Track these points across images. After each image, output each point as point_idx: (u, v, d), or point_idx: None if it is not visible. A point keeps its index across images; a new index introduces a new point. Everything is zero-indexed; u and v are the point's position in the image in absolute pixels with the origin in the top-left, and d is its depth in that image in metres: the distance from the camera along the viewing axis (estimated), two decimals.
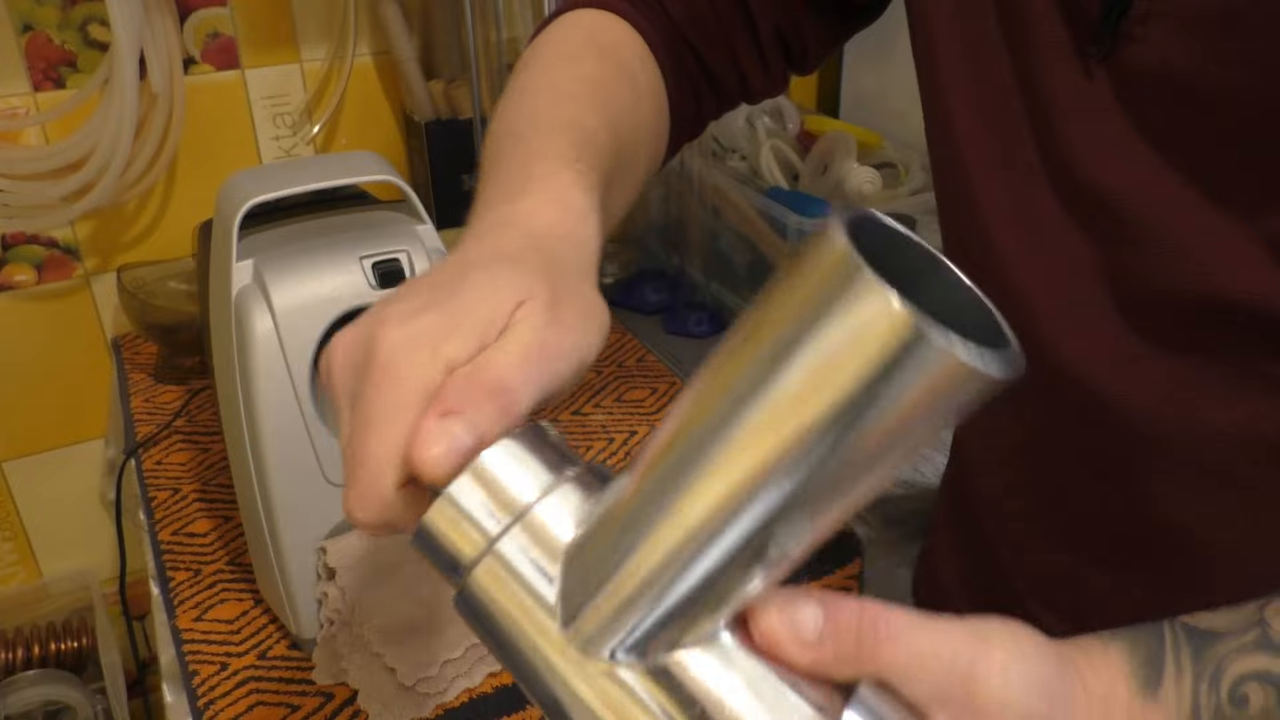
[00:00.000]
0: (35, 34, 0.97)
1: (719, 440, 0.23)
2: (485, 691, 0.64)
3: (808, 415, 0.22)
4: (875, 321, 0.20)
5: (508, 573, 0.27)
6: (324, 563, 0.64)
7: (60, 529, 1.16)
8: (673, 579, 0.25)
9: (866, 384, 0.21)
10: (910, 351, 0.20)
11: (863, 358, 0.21)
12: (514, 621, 0.27)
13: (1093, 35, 0.41)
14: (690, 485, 0.24)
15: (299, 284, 0.60)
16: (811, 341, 0.21)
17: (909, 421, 0.22)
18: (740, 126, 1.18)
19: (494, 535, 0.27)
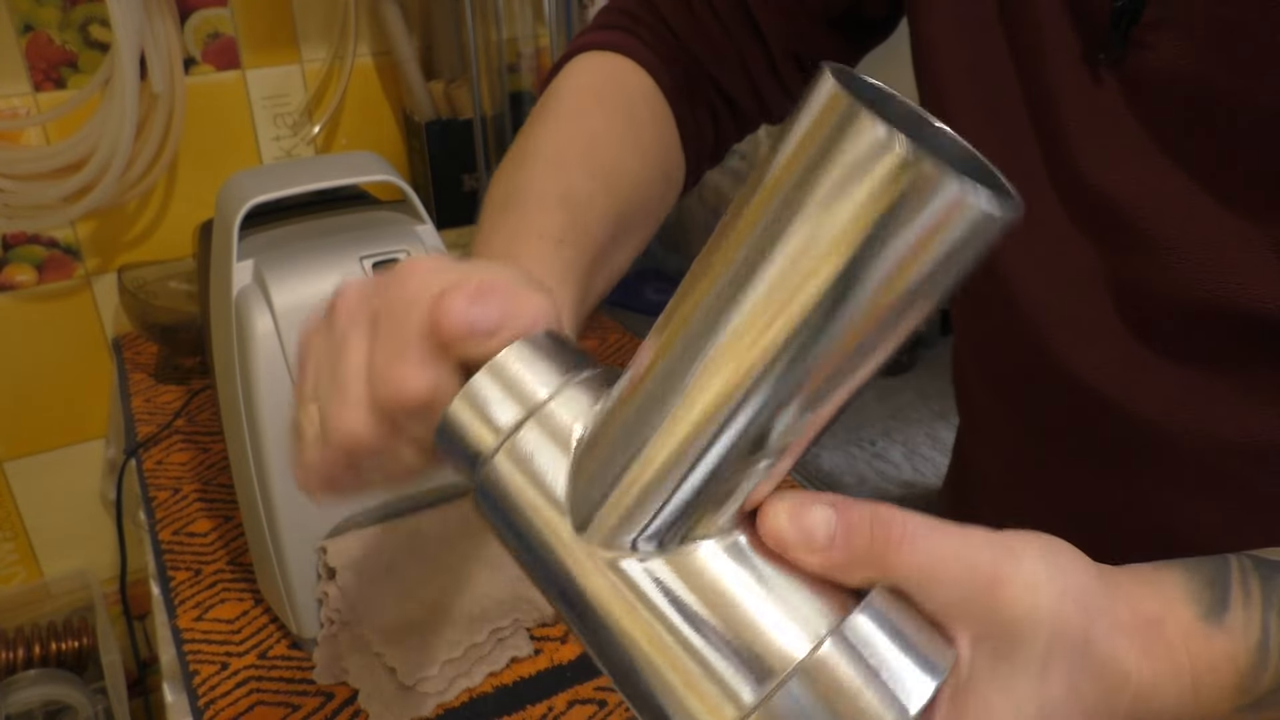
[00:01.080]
0: (36, 34, 0.97)
1: (735, 303, 0.22)
2: (485, 691, 0.65)
3: (822, 267, 0.21)
4: (879, 158, 0.20)
5: (523, 464, 0.27)
6: (324, 562, 0.64)
7: (61, 529, 1.16)
8: (684, 465, 0.24)
9: (876, 224, 0.20)
10: (915, 186, 0.20)
11: (870, 196, 0.20)
12: (528, 513, 0.27)
13: (1102, 42, 0.41)
14: (701, 358, 0.23)
15: (299, 284, 0.60)
16: (817, 187, 0.21)
17: (915, 274, 0.21)
18: None
19: (510, 427, 0.27)
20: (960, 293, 0.24)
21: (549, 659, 0.67)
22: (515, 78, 1.14)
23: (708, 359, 0.23)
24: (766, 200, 0.22)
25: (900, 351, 0.24)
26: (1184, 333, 0.43)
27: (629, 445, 0.25)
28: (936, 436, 0.90)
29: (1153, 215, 0.42)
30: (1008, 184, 0.22)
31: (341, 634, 0.65)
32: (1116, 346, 0.45)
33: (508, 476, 0.27)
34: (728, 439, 0.24)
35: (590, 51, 0.53)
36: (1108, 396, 0.46)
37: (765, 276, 0.22)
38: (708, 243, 0.24)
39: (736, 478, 0.25)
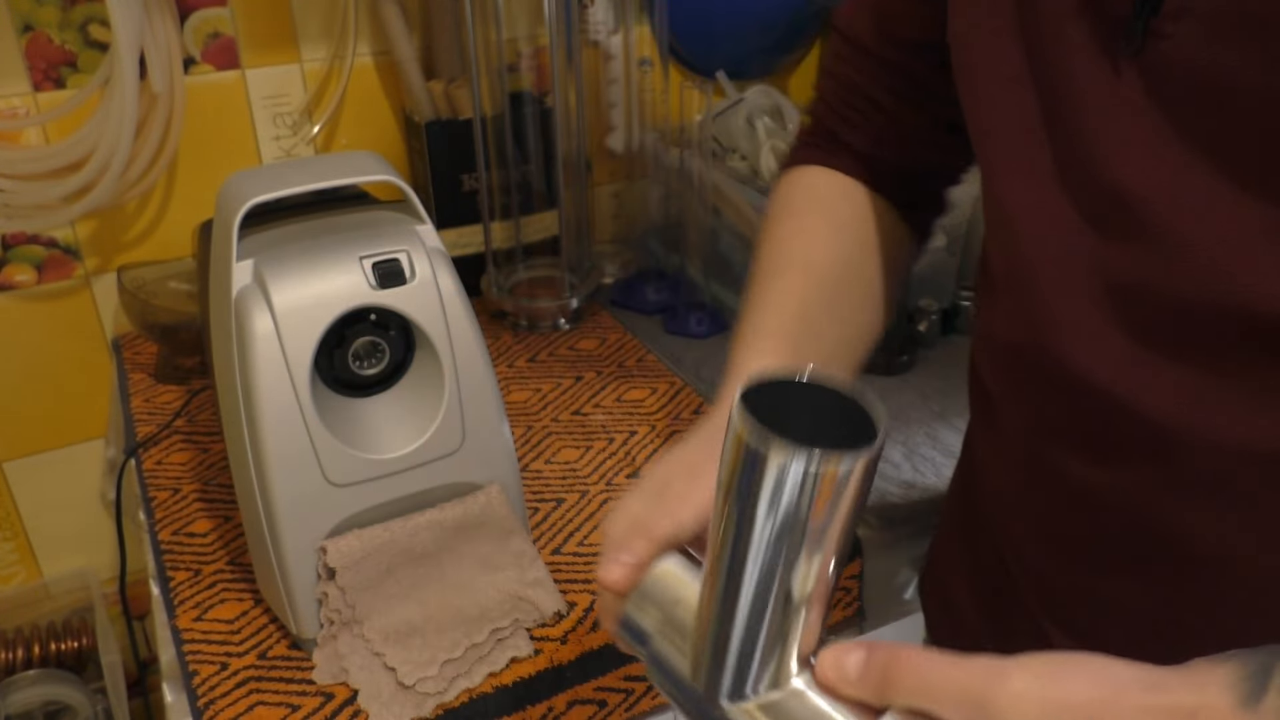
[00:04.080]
0: (35, 34, 0.97)
1: (737, 557, 0.33)
2: (485, 691, 0.65)
3: (771, 527, 0.32)
4: (785, 466, 0.30)
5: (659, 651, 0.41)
6: (324, 563, 0.64)
7: (60, 529, 1.16)
8: (748, 639, 0.35)
9: (783, 496, 0.31)
10: (815, 476, 0.30)
11: (760, 481, 0.31)
12: (668, 684, 0.39)
13: (1123, 32, 0.40)
14: (735, 580, 0.34)
15: (299, 284, 0.60)
16: (768, 492, 0.31)
17: (829, 511, 0.31)
18: (740, 126, 1.18)
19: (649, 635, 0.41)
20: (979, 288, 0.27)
21: (549, 659, 0.67)
22: (515, 78, 1.14)
23: (738, 584, 0.34)
24: (727, 496, 0.33)
25: (900, 352, 0.31)
26: (1193, 332, 0.42)
27: (709, 633, 0.36)
28: (936, 436, 0.90)
29: (1166, 209, 0.41)
30: (879, 422, 0.32)
31: (341, 634, 0.65)
32: (1122, 345, 0.45)
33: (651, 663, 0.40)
34: (767, 615, 0.34)
35: (796, 167, 0.64)
36: (1115, 396, 0.45)
37: (743, 546, 0.33)
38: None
39: (784, 635, 0.34)
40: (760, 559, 0.33)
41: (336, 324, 0.61)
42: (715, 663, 0.36)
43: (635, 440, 0.90)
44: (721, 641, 0.35)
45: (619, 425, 0.92)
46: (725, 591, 0.34)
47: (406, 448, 0.64)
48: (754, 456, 0.31)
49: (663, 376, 1.00)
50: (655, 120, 1.19)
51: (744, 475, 0.31)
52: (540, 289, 1.12)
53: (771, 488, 0.31)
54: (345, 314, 0.61)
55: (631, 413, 0.94)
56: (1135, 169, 0.42)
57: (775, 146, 1.14)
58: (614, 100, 1.21)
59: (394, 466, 0.64)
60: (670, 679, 0.38)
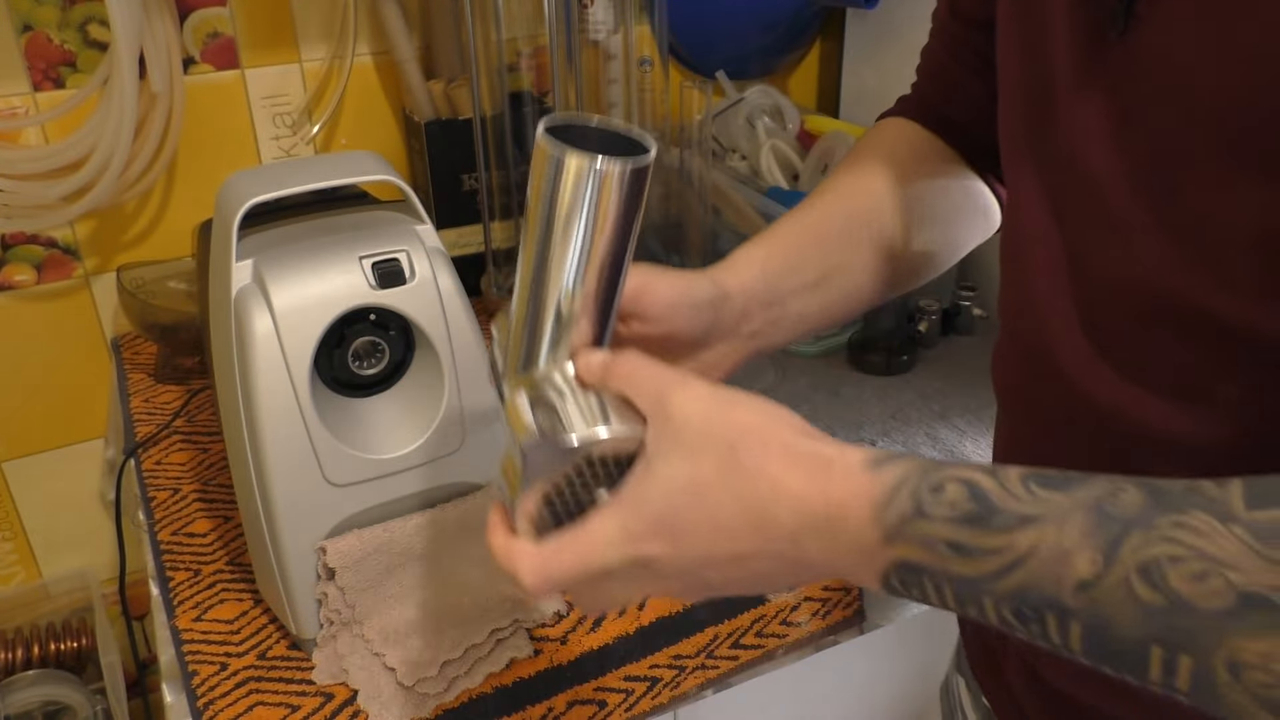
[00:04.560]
0: (35, 34, 0.97)
1: (534, 251, 0.43)
2: (485, 691, 0.64)
3: (561, 218, 0.41)
4: (560, 162, 0.40)
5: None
6: (324, 563, 0.64)
7: (60, 529, 1.16)
8: (533, 322, 0.44)
9: (581, 196, 0.40)
10: (576, 170, 0.40)
11: (558, 183, 0.40)
12: (492, 372, 0.48)
13: (1110, 15, 0.41)
14: (531, 273, 0.43)
15: (299, 284, 0.60)
16: (547, 190, 0.41)
17: (605, 211, 0.41)
18: (740, 126, 1.18)
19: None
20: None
21: (549, 659, 0.67)
22: (515, 78, 1.14)
23: (533, 277, 0.43)
24: (533, 204, 0.42)
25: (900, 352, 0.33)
26: (1128, 322, 0.43)
27: (510, 319, 0.46)
28: (936, 436, 0.90)
29: (1115, 195, 0.42)
30: (650, 146, 0.41)
31: (341, 634, 0.65)
32: (1075, 332, 0.46)
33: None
34: (550, 306, 0.43)
35: (881, 119, 0.67)
36: (1071, 384, 0.46)
37: (538, 234, 0.42)
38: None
39: (561, 328, 0.44)
40: (553, 253, 0.42)
41: (336, 324, 0.61)
42: (515, 343, 0.45)
43: None
44: (520, 327, 0.44)
45: None
46: (528, 285, 0.43)
47: (406, 448, 0.64)
48: (555, 162, 0.40)
49: None
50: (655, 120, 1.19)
51: (548, 181, 0.40)
52: None
53: (574, 186, 0.40)
54: (345, 314, 0.61)
55: None
56: (1096, 154, 0.42)
57: (775, 146, 1.13)
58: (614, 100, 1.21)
59: (394, 466, 0.64)
60: (493, 366, 0.48)
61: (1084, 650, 0.33)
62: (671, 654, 0.69)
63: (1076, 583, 0.32)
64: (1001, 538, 0.33)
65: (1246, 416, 0.40)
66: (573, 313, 0.43)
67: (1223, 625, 0.30)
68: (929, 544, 0.35)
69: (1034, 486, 0.34)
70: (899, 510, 0.35)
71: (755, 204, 1.04)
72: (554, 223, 0.41)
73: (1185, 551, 0.30)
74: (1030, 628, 0.33)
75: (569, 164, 0.39)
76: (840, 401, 0.96)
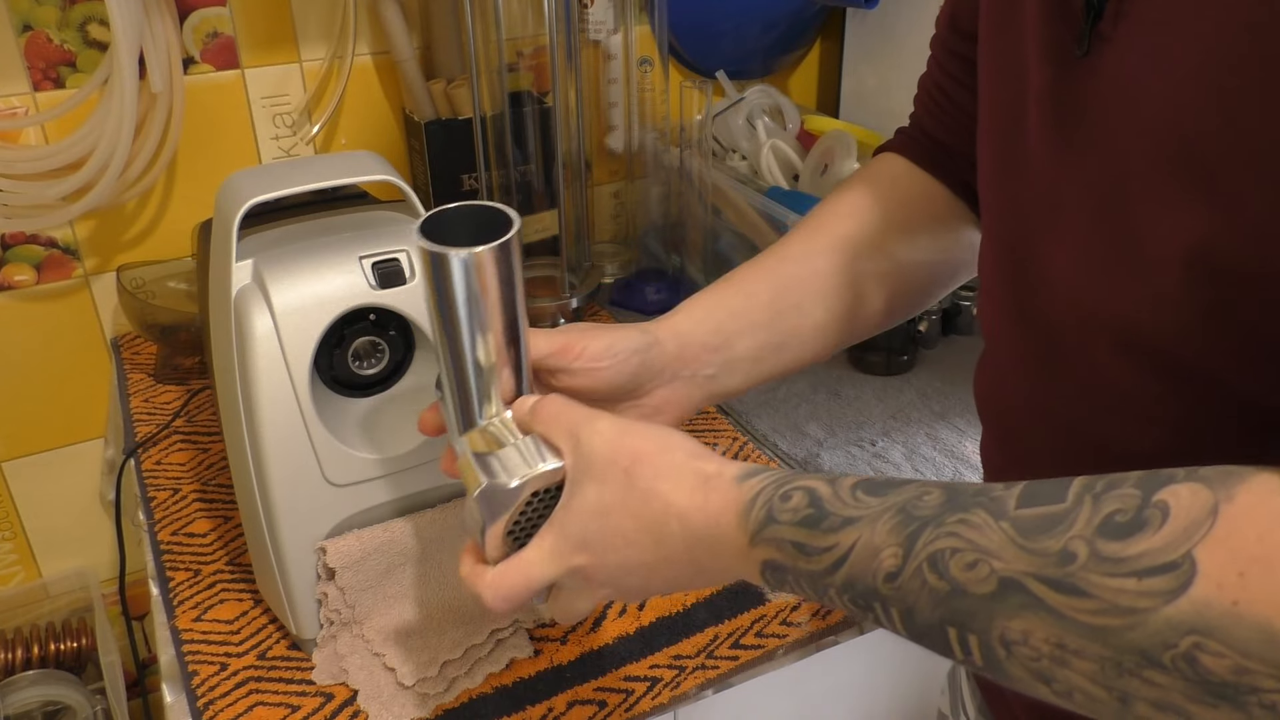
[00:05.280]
0: (35, 34, 0.96)
1: (440, 331, 0.49)
2: (485, 692, 0.64)
3: (455, 304, 0.47)
4: (438, 260, 0.46)
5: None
6: (324, 563, 0.64)
7: (60, 529, 1.16)
8: (459, 389, 0.50)
9: (456, 281, 0.46)
10: (451, 264, 0.46)
11: (441, 276, 0.46)
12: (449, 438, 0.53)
13: (1076, 36, 0.41)
14: (447, 350, 0.49)
15: (299, 284, 0.60)
16: (434, 282, 0.47)
17: (484, 290, 0.47)
18: (740, 126, 1.18)
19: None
20: None
21: (549, 660, 0.67)
22: (515, 78, 1.14)
23: (448, 352, 0.49)
24: (430, 292, 0.48)
25: (900, 352, 0.33)
26: (1064, 336, 0.45)
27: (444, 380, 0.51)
28: (936, 436, 0.90)
29: (1069, 212, 0.43)
30: (514, 222, 0.48)
31: (341, 634, 0.65)
32: (1032, 344, 0.47)
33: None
34: (469, 369, 0.49)
35: (875, 155, 0.68)
36: (1035, 401, 0.48)
37: (445, 322, 0.49)
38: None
39: (486, 384, 0.50)
40: (455, 332, 0.48)
41: (336, 324, 0.61)
42: (453, 411, 0.51)
43: None
44: (451, 397, 0.51)
45: None
46: (446, 360, 0.49)
47: (406, 448, 0.64)
48: (435, 259, 0.46)
49: None
50: (655, 120, 1.19)
51: (433, 277, 0.46)
52: (540, 289, 1.12)
53: (451, 278, 0.46)
54: (345, 314, 0.61)
55: None
56: (1058, 170, 0.43)
57: (775, 146, 1.13)
58: (614, 100, 1.21)
59: (394, 466, 0.64)
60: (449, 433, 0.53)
61: (907, 633, 0.37)
62: (671, 654, 0.69)
63: (885, 574, 0.37)
64: (830, 538, 0.39)
65: (1184, 433, 0.40)
66: (489, 371, 0.49)
67: (991, 607, 0.34)
68: (780, 545, 0.40)
69: (859, 493, 0.39)
70: (757, 517, 0.41)
71: (755, 204, 1.04)
72: (447, 306, 0.47)
73: (963, 544, 0.35)
74: (869, 614, 0.38)
75: (444, 259, 0.46)
76: (840, 401, 0.96)
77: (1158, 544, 0.31)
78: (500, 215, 0.48)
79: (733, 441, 0.89)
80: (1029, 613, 0.33)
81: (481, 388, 0.50)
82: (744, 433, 0.91)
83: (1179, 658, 0.30)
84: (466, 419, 0.51)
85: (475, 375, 0.49)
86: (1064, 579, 0.32)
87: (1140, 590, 0.31)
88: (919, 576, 0.36)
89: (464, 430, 0.51)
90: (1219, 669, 0.30)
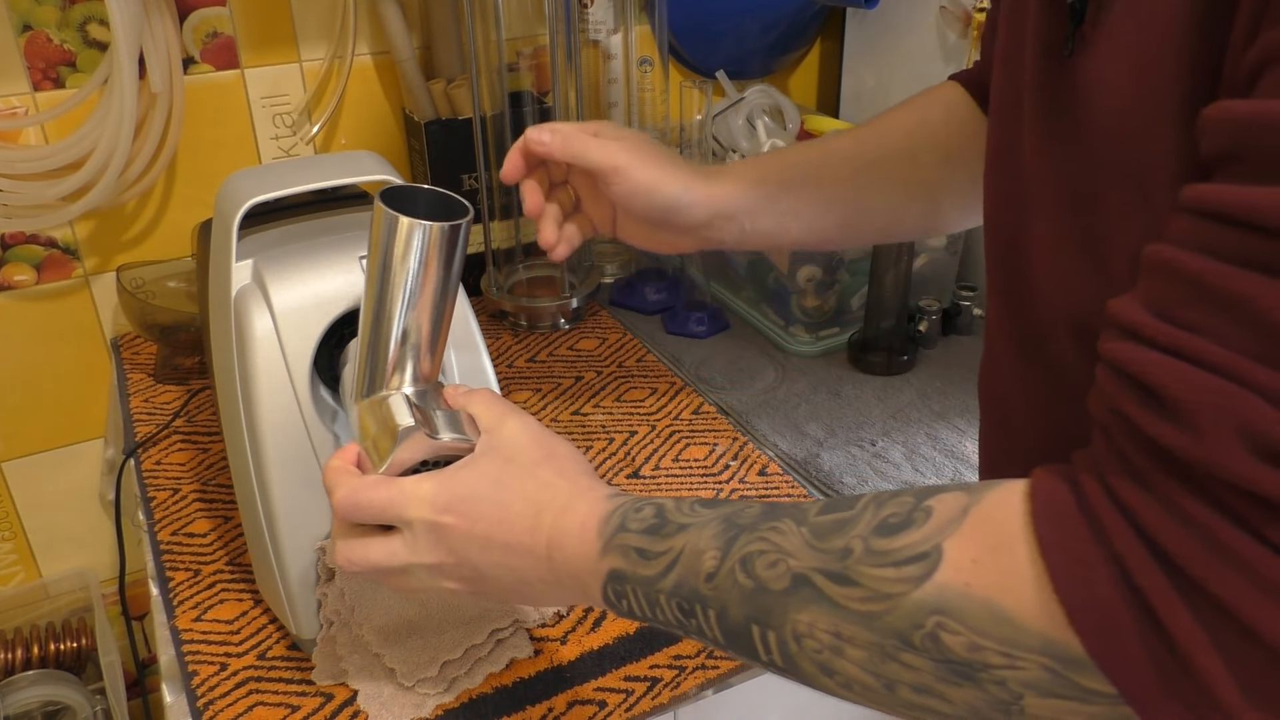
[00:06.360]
0: (34, 34, 0.96)
1: (374, 294, 0.51)
2: (485, 692, 0.64)
3: (394, 269, 0.50)
4: (399, 227, 0.49)
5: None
6: (324, 564, 0.64)
7: (60, 529, 1.16)
8: (375, 349, 0.52)
9: (406, 251, 0.49)
10: (406, 229, 0.49)
11: (391, 239, 0.49)
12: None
13: (1063, 37, 0.42)
14: (373, 311, 0.52)
15: (299, 284, 0.60)
16: (383, 245, 0.49)
17: (428, 263, 0.50)
18: (740, 126, 1.18)
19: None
20: None
21: (549, 660, 0.67)
22: (515, 78, 1.14)
23: (374, 314, 0.52)
24: (374, 256, 0.50)
25: (900, 352, 0.34)
26: (1051, 331, 0.46)
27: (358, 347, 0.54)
28: (936, 436, 0.90)
29: (1043, 207, 0.44)
30: (467, 210, 0.51)
31: (341, 635, 0.65)
32: (1014, 341, 0.49)
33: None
34: (392, 336, 0.52)
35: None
36: (1014, 396, 0.50)
37: (377, 281, 0.51)
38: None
39: (406, 355, 0.53)
40: (388, 296, 0.50)
41: (336, 324, 0.61)
42: (361, 372, 0.53)
43: (635, 440, 0.90)
44: (362, 358, 0.53)
45: (619, 425, 0.92)
46: (370, 321, 0.51)
47: None
48: (389, 221, 0.48)
49: (663, 376, 1.00)
50: (655, 120, 1.19)
51: (382, 240, 0.49)
52: (540, 289, 1.12)
53: (399, 243, 0.49)
54: (345, 314, 0.61)
55: (631, 413, 0.94)
56: (1038, 163, 0.44)
57: (775, 147, 1.13)
58: (614, 100, 1.21)
59: None
60: (344, 396, 0.57)
61: (720, 634, 0.40)
62: (671, 654, 0.69)
63: (705, 574, 0.40)
64: (666, 542, 0.43)
65: None
66: (407, 344, 0.52)
67: (785, 602, 0.38)
68: (625, 551, 0.44)
69: (696, 506, 0.43)
70: (613, 525, 0.45)
71: None
72: (387, 271, 0.50)
73: (769, 547, 0.39)
74: (691, 620, 0.41)
75: (397, 222, 0.48)
76: (840, 401, 0.96)
77: (917, 538, 0.35)
78: (457, 205, 0.51)
79: (733, 441, 0.90)
80: (814, 605, 0.37)
81: (398, 358, 0.52)
82: (744, 433, 0.91)
83: (926, 637, 0.34)
84: (372, 385, 0.53)
85: (396, 343, 0.52)
86: (841, 571, 0.36)
87: (897, 577, 0.35)
88: (731, 576, 0.40)
89: (366, 395, 0.53)
90: (957, 646, 0.34)
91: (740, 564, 0.39)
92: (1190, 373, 0.30)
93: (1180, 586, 0.30)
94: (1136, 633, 0.31)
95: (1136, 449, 0.32)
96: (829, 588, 0.36)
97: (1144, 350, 0.32)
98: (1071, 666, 0.32)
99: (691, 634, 0.42)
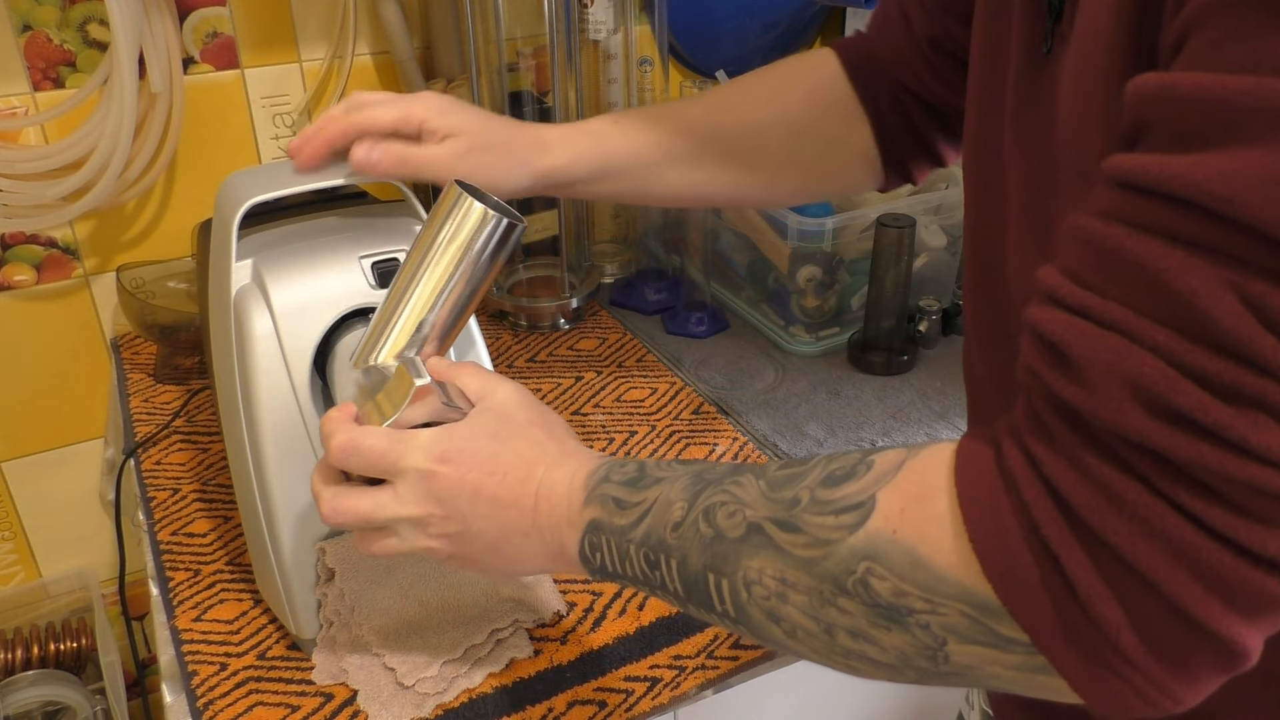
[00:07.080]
0: (34, 34, 0.96)
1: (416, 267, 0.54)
2: (485, 691, 0.64)
3: (451, 255, 0.53)
4: (470, 212, 0.52)
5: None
6: (323, 564, 0.64)
7: (60, 529, 1.16)
8: (397, 318, 0.54)
9: (468, 235, 0.52)
10: (479, 215, 0.52)
11: (461, 221, 0.52)
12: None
13: (1043, 35, 0.43)
14: (406, 282, 0.54)
15: (299, 284, 0.60)
16: (451, 227, 0.52)
17: (478, 251, 0.53)
18: None
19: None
20: None
21: (549, 660, 0.67)
22: (515, 78, 1.14)
23: (408, 287, 0.54)
24: (431, 232, 0.53)
25: (900, 352, 0.36)
26: (1004, 320, 0.47)
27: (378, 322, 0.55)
28: (936, 436, 0.90)
29: (1012, 199, 0.45)
30: (519, 219, 0.53)
31: (340, 635, 0.65)
32: (985, 329, 0.50)
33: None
34: (419, 309, 0.54)
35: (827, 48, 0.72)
36: (986, 385, 0.51)
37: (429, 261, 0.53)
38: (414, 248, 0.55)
39: (425, 332, 0.54)
40: (435, 270, 0.53)
41: (336, 324, 0.61)
42: (370, 336, 0.54)
43: (635, 440, 0.90)
44: (379, 322, 0.54)
45: (619, 425, 0.92)
46: (400, 293, 0.53)
47: None
48: (459, 202, 0.52)
49: (663, 376, 1.00)
50: None
51: (444, 218, 0.52)
52: (540, 289, 1.12)
53: (464, 225, 0.52)
54: (345, 314, 0.61)
55: (631, 413, 0.94)
56: (1013, 155, 0.45)
57: None
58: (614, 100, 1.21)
59: None
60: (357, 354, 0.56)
61: (680, 585, 0.43)
62: (671, 654, 0.69)
63: (672, 524, 0.43)
64: (642, 494, 0.45)
65: None
66: (431, 323, 0.54)
67: (739, 549, 0.40)
68: (605, 500, 0.46)
69: (674, 463, 0.47)
70: (598, 477, 0.48)
71: None
72: (445, 249, 0.52)
73: (729, 498, 0.41)
74: (655, 574, 0.44)
75: (473, 209, 0.52)
76: (840, 401, 0.96)
77: (855, 489, 0.38)
78: (513, 214, 0.53)
79: (733, 441, 0.90)
80: (764, 552, 0.39)
81: (416, 331, 0.54)
82: (744, 433, 0.91)
83: (857, 582, 0.36)
84: (383, 351, 0.54)
85: (427, 315, 0.54)
86: (788, 519, 0.39)
87: (835, 525, 0.37)
88: (694, 525, 0.42)
89: (377, 360, 0.54)
90: (884, 591, 0.36)
91: (703, 514, 0.42)
92: (1091, 331, 0.31)
93: (1082, 538, 0.32)
94: (1041, 581, 0.32)
95: (1046, 406, 0.33)
96: (777, 535, 0.39)
97: (1055, 311, 0.33)
98: (988, 613, 0.34)
99: (656, 590, 0.44)
